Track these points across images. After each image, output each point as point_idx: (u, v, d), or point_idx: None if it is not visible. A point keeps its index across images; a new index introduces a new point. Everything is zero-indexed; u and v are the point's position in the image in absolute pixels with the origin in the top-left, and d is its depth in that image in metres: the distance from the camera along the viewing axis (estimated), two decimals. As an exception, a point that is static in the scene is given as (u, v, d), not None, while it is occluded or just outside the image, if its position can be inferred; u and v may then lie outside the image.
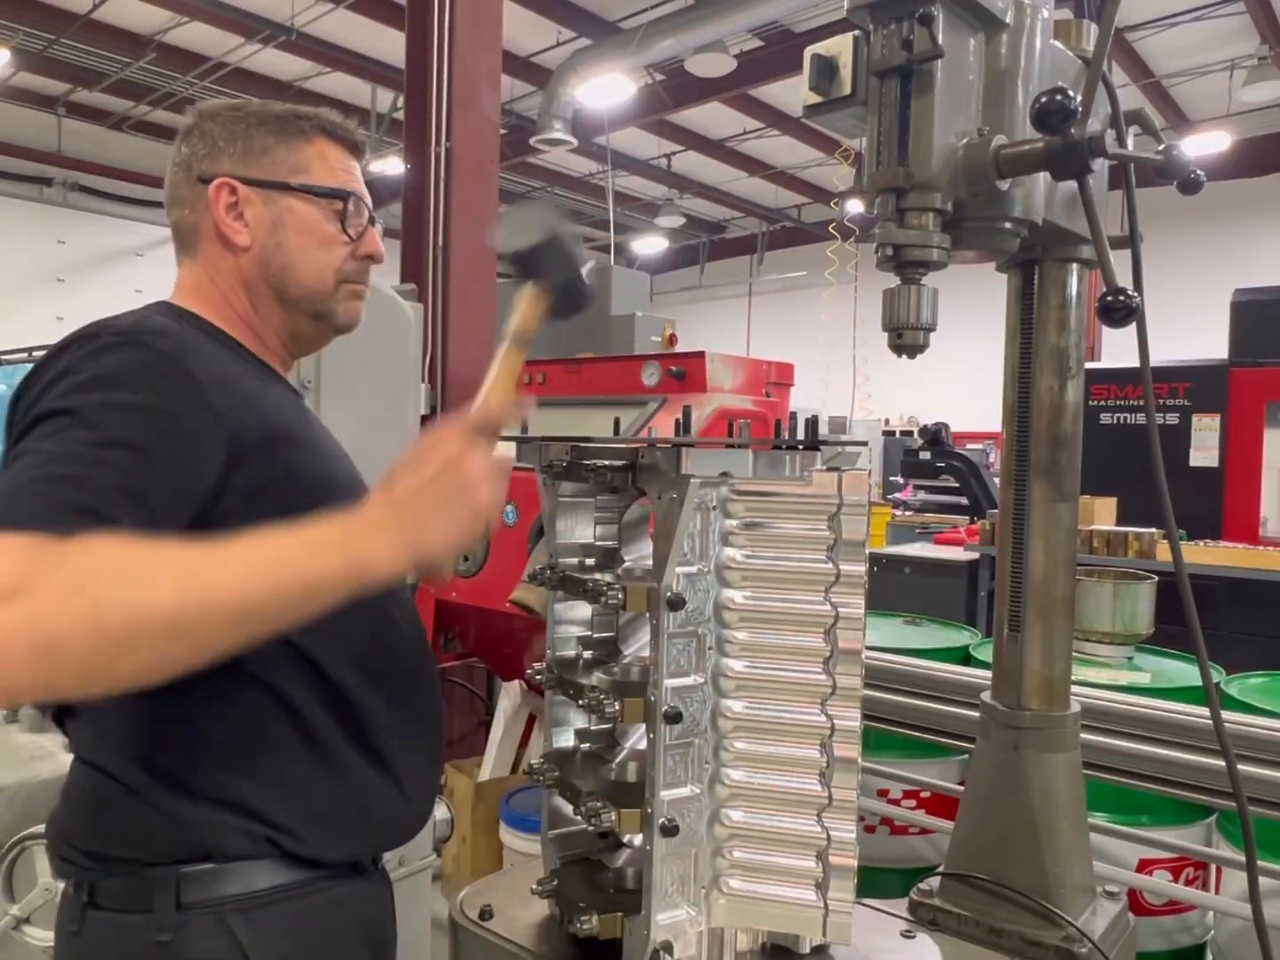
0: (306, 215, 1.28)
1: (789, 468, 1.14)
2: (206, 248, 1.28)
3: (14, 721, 2.71)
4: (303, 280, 1.28)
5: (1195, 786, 2.06)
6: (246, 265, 1.27)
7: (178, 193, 1.30)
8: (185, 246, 1.31)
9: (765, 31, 9.71)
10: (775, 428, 1.22)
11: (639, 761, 1.20)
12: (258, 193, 1.27)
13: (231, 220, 1.26)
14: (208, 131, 1.29)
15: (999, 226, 1.27)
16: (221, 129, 1.29)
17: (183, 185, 1.30)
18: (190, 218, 1.29)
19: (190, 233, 1.29)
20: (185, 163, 1.30)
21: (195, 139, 1.30)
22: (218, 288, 1.28)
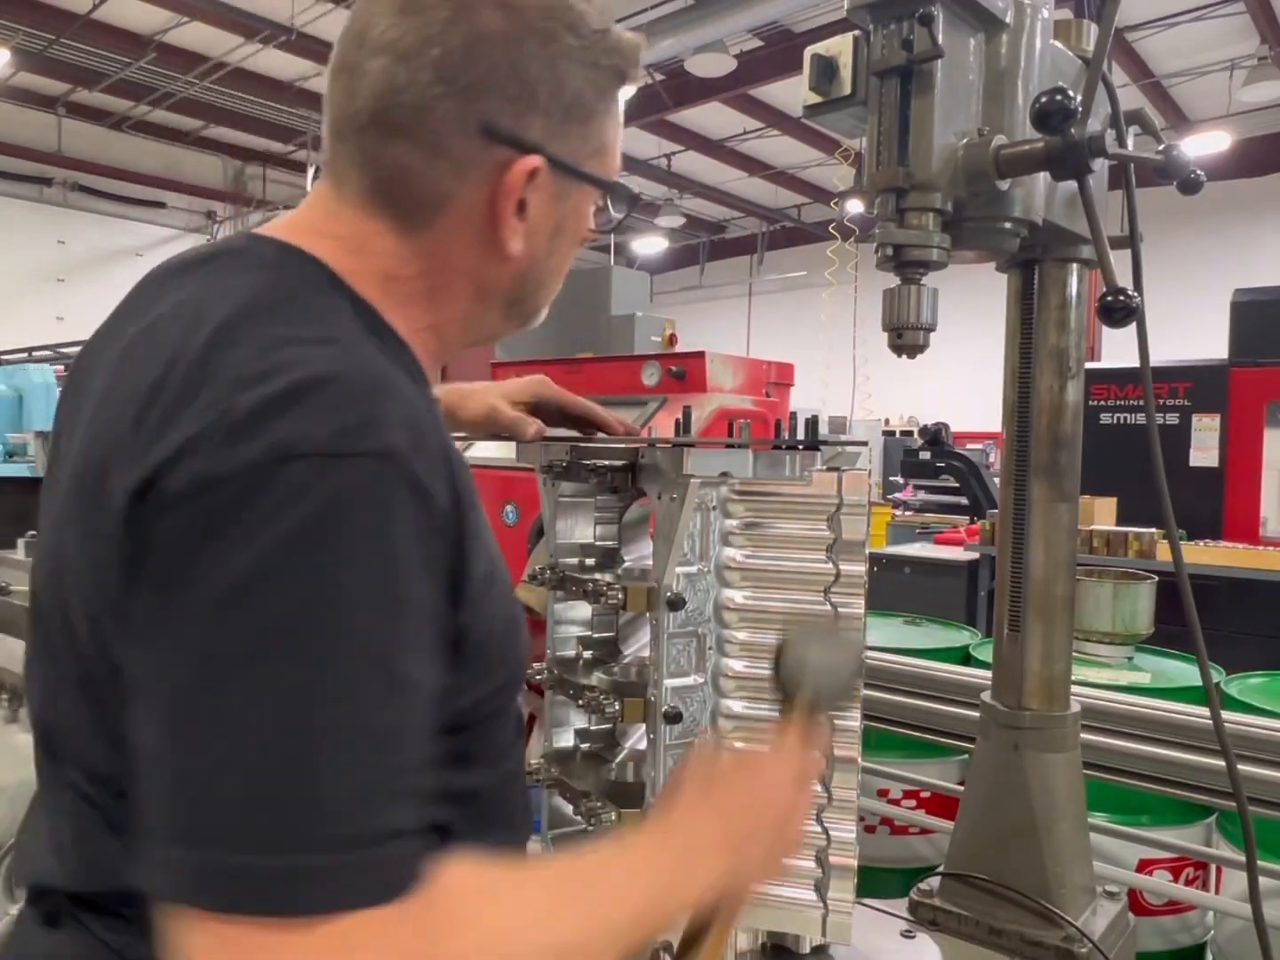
0: (585, 215, 0.90)
1: (789, 468, 1.15)
2: (447, 228, 0.81)
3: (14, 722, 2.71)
4: (549, 294, 0.92)
5: (1195, 786, 2.06)
6: (497, 275, 0.85)
7: (428, 123, 0.77)
8: (398, 205, 0.80)
9: (765, 31, 9.71)
10: (775, 428, 1.23)
11: (639, 762, 1.20)
12: (556, 179, 0.83)
13: (514, 219, 0.82)
14: (522, 53, 0.78)
15: (999, 226, 1.27)
16: (545, 62, 0.79)
17: (447, 119, 0.77)
18: (444, 180, 0.79)
19: (429, 198, 0.80)
20: (467, 86, 0.77)
21: (493, 48, 0.77)
22: (430, 282, 0.83)
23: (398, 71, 0.76)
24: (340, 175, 0.83)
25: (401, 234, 0.81)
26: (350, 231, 0.81)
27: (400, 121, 0.77)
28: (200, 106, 11.98)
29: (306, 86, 11.35)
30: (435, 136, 0.78)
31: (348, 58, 0.80)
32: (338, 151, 0.83)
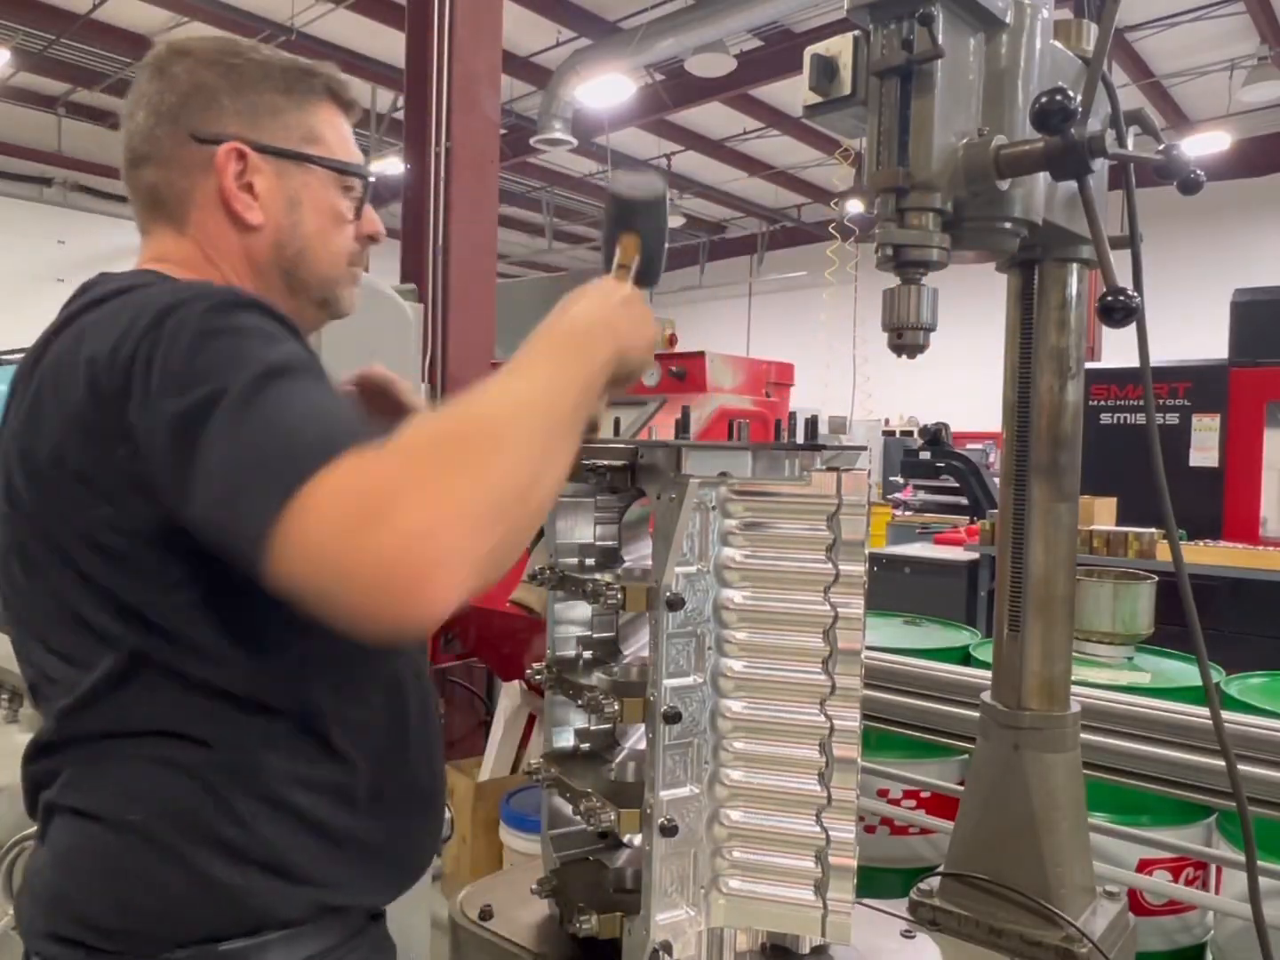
0: (323, 193, 1.14)
1: (788, 468, 1.14)
2: (201, 219, 1.10)
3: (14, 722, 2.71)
4: (318, 265, 1.15)
5: (1195, 786, 2.06)
6: (256, 246, 1.11)
7: (156, 148, 1.10)
8: (165, 213, 1.12)
9: (765, 31, 9.71)
10: (775, 428, 1.22)
11: (638, 761, 1.20)
12: (269, 162, 1.10)
13: (241, 192, 1.09)
14: (199, 78, 1.10)
15: (999, 226, 1.27)
16: (220, 78, 1.10)
17: (165, 141, 1.09)
18: (179, 182, 1.10)
19: (177, 200, 1.10)
20: (168, 112, 1.09)
21: (181, 83, 1.10)
22: (214, 265, 1.11)
23: (134, 118, 1.11)
24: (134, 206, 1.15)
25: (177, 234, 1.12)
26: (151, 249, 1.13)
27: (140, 153, 1.11)
28: (200, 106, 11.97)
29: (306, 86, 11.32)
30: (161, 154, 1.10)
31: (123, 119, 1.14)
32: (127, 188, 1.15)
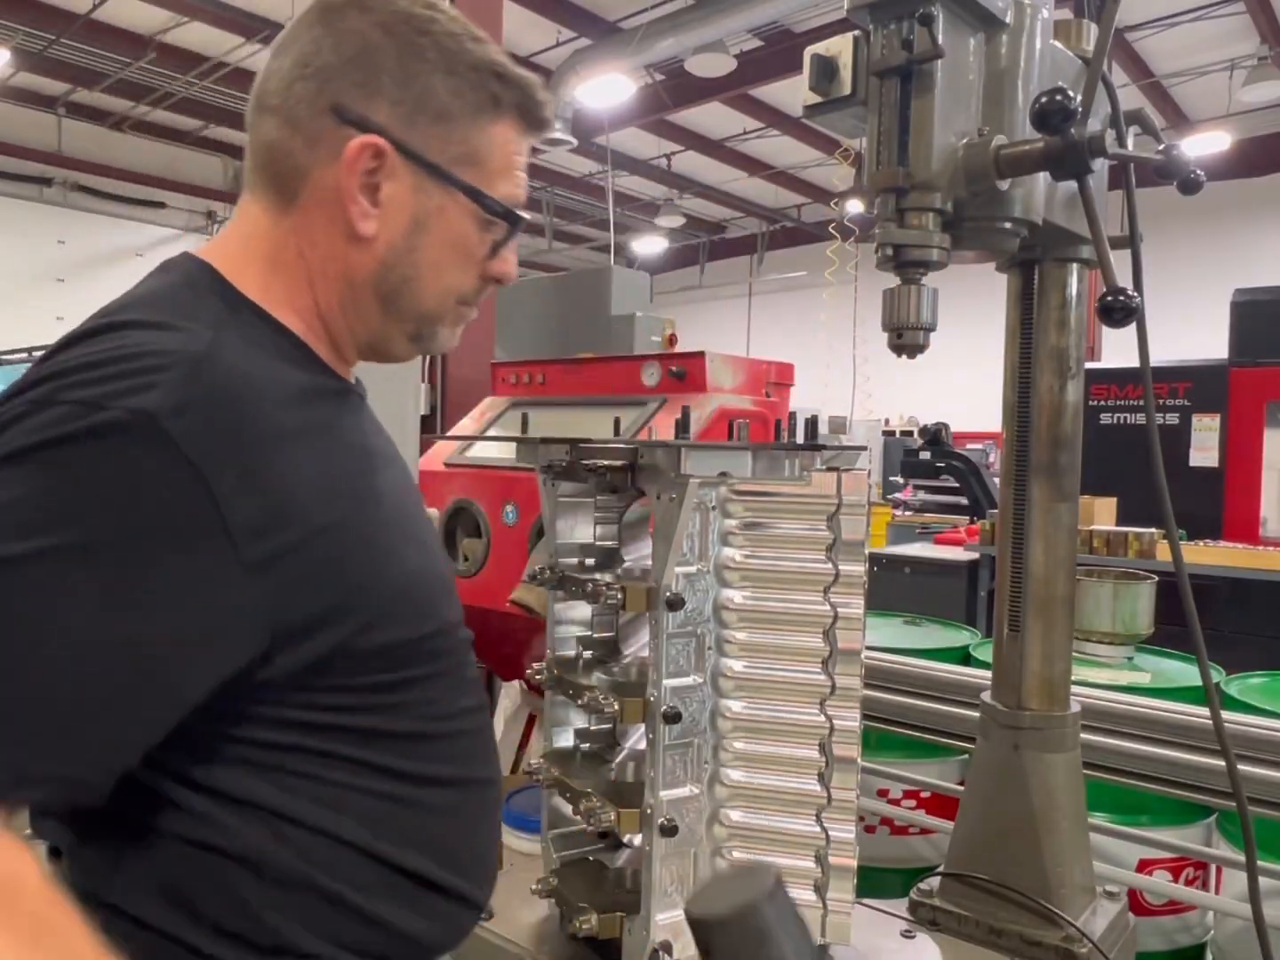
0: (458, 224, 0.94)
1: (788, 468, 1.15)
2: (309, 205, 0.92)
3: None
4: (422, 299, 0.96)
5: (1195, 786, 2.05)
6: (359, 260, 0.92)
7: (290, 103, 0.91)
8: (273, 180, 0.93)
9: (765, 31, 9.70)
10: (775, 428, 1.22)
11: (638, 761, 1.21)
12: (412, 171, 0.91)
13: (363, 195, 0.90)
14: (369, 43, 0.89)
15: (999, 226, 1.27)
16: (393, 54, 0.90)
17: (303, 99, 0.90)
18: (300, 153, 0.91)
19: (292, 172, 0.91)
20: (319, 70, 0.90)
21: (345, 42, 0.90)
22: (307, 264, 0.93)
23: (272, 64, 0.93)
24: (246, 165, 0.96)
25: (276, 213, 0.93)
26: (244, 218, 0.95)
27: (268, 102, 0.92)
28: (200, 106, 11.96)
29: (306, 86, 11.32)
30: (292, 113, 0.91)
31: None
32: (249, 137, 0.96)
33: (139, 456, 0.71)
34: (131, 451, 0.71)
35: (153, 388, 0.72)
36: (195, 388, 0.75)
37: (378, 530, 0.88)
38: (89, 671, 0.69)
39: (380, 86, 0.89)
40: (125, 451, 0.71)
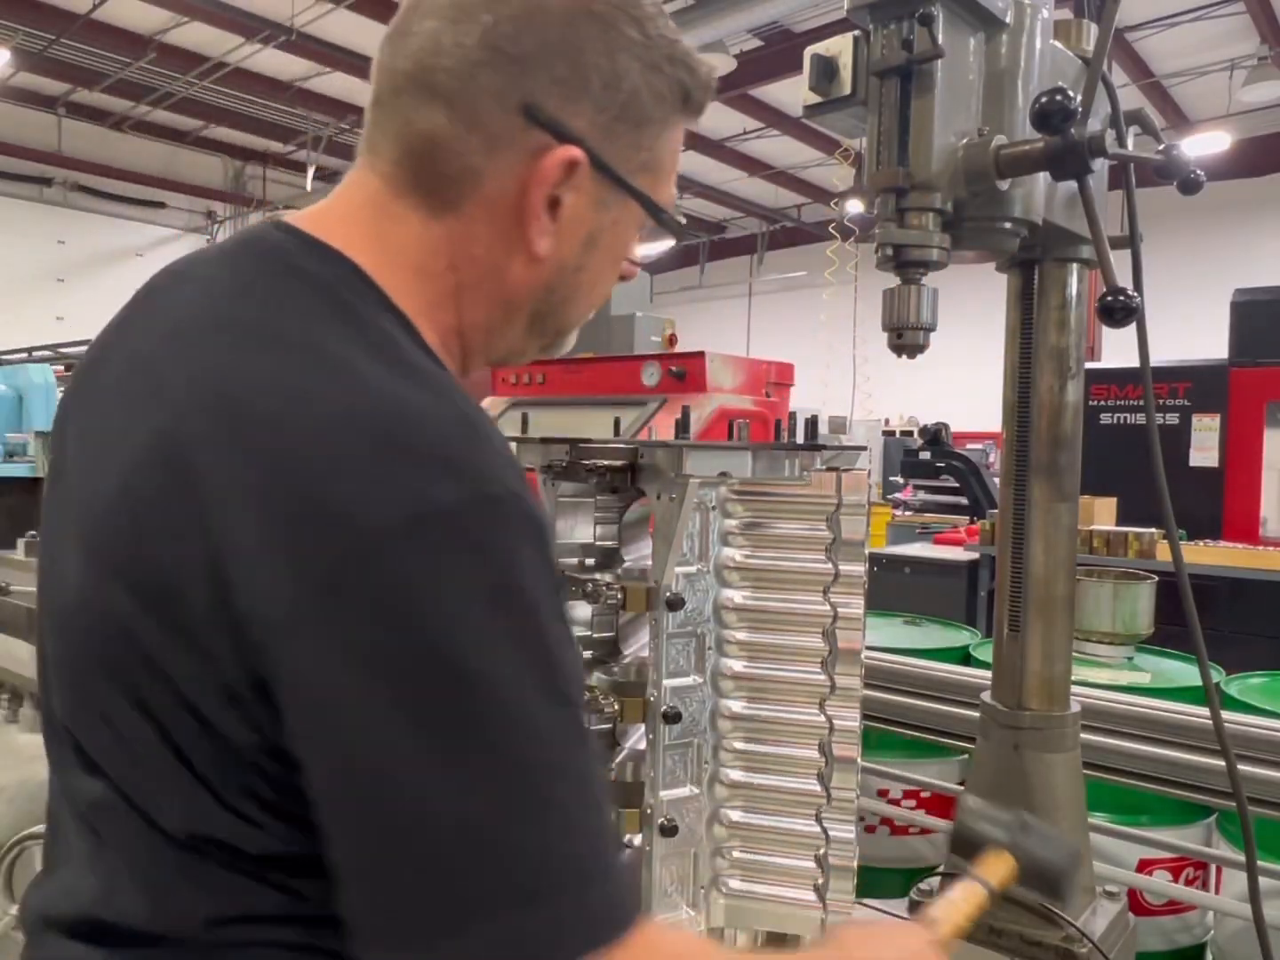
0: (626, 237, 0.84)
1: (788, 468, 1.15)
2: (474, 215, 0.76)
3: (14, 722, 2.71)
4: (574, 314, 0.86)
5: (1195, 786, 2.06)
6: (523, 279, 0.79)
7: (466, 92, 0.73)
8: (429, 178, 0.75)
9: (765, 31, 9.71)
10: (775, 428, 1.23)
11: (638, 761, 1.21)
12: (598, 184, 0.77)
13: (544, 212, 0.76)
14: (579, 33, 0.73)
15: (999, 226, 1.27)
16: (603, 46, 0.74)
17: (485, 89, 0.72)
18: (473, 155, 0.74)
19: (459, 174, 0.74)
20: (513, 58, 0.72)
21: (548, 25, 0.73)
22: (457, 278, 0.77)
23: (445, 34, 0.72)
24: (375, 146, 0.77)
25: (427, 217, 0.76)
26: (381, 212, 0.76)
27: (438, 85, 0.73)
28: (200, 106, 11.97)
29: (306, 86, 11.34)
30: (472, 106, 0.73)
31: (401, 23, 0.75)
32: (375, 120, 0.77)
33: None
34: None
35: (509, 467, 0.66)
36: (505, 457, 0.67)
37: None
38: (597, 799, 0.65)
39: (586, 86, 0.74)
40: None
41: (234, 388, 0.65)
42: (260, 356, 0.66)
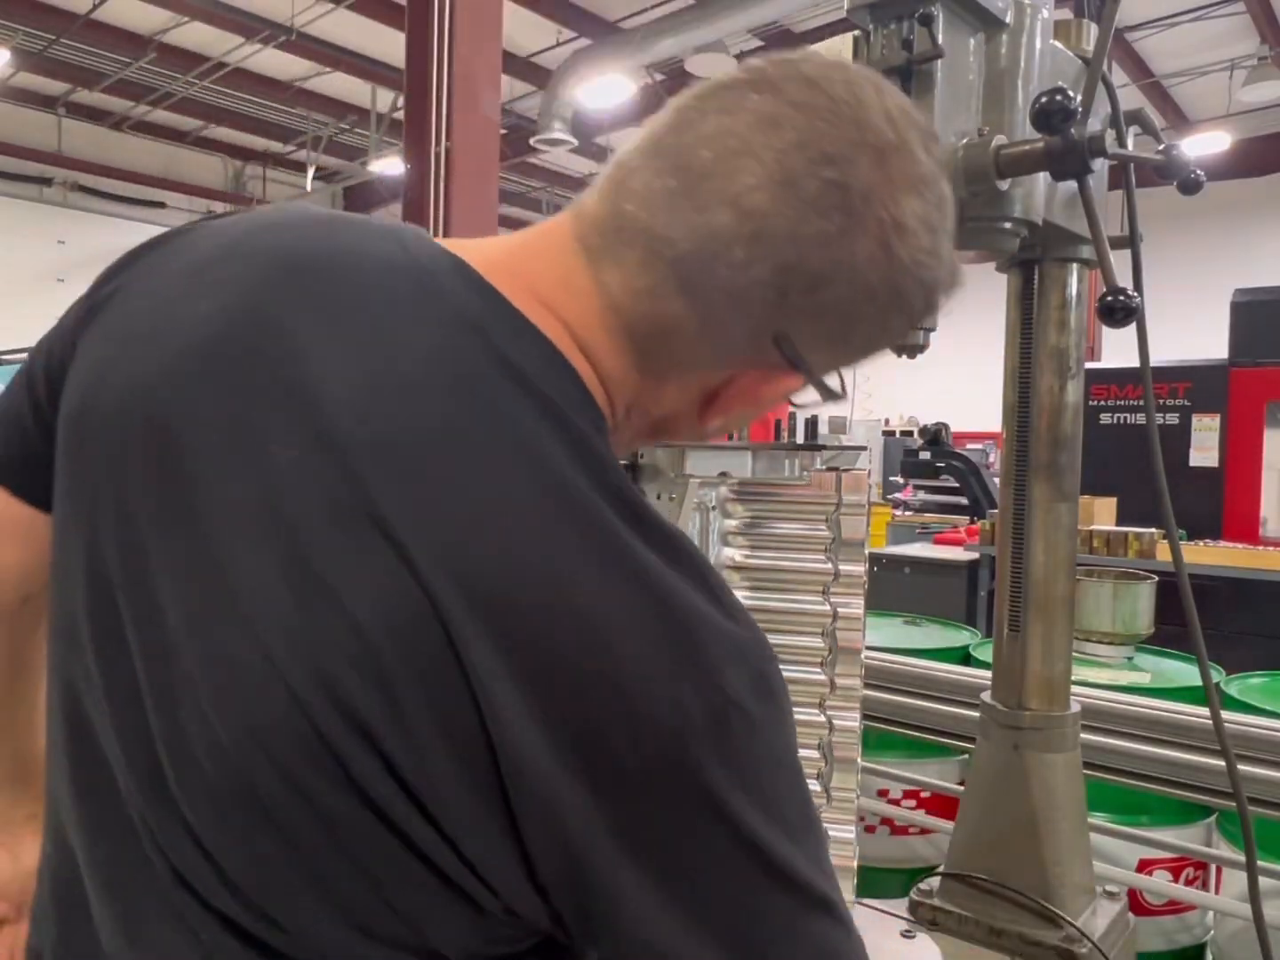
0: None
1: (788, 468, 1.15)
2: (672, 386, 0.71)
3: (14, 721, 2.71)
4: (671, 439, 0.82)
5: (1195, 786, 2.06)
6: (685, 430, 0.78)
7: (727, 313, 0.66)
8: (645, 349, 0.68)
9: (765, 31, 9.70)
10: (775, 428, 1.23)
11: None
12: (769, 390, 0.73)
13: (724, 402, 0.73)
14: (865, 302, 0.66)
15: (999, 226, 1.27)
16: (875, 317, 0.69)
17: (744, 318, 0.66)
18: (700, 352, 0.68)
19: (681, 359, 0.69)
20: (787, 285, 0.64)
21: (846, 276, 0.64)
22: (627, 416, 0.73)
23: (737, 246, 0.63)
24: (600, 257, 0.67)
25: (631, 366, 0.70)
26: (586, 327, 0.68)
27: (702, 287, 0.65)
28: (200, 106, 11.97)
29: (306, 86, 11.34)
30: (725, 322, 0.66)
31: (694, 171, 0.64)
32: (616, 235, 0.67)
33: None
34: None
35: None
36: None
37: None
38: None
39: (837, 342, 0.69)
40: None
41: (490, 567, 0.58)
42: (507, 511, 0.59)
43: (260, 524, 0.61)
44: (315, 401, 0.62)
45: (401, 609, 0.57)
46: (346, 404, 0.61)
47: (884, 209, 0.63)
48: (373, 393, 0.62)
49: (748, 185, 0.62)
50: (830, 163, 0.62)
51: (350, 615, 0.57)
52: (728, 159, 0.63)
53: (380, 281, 0.67)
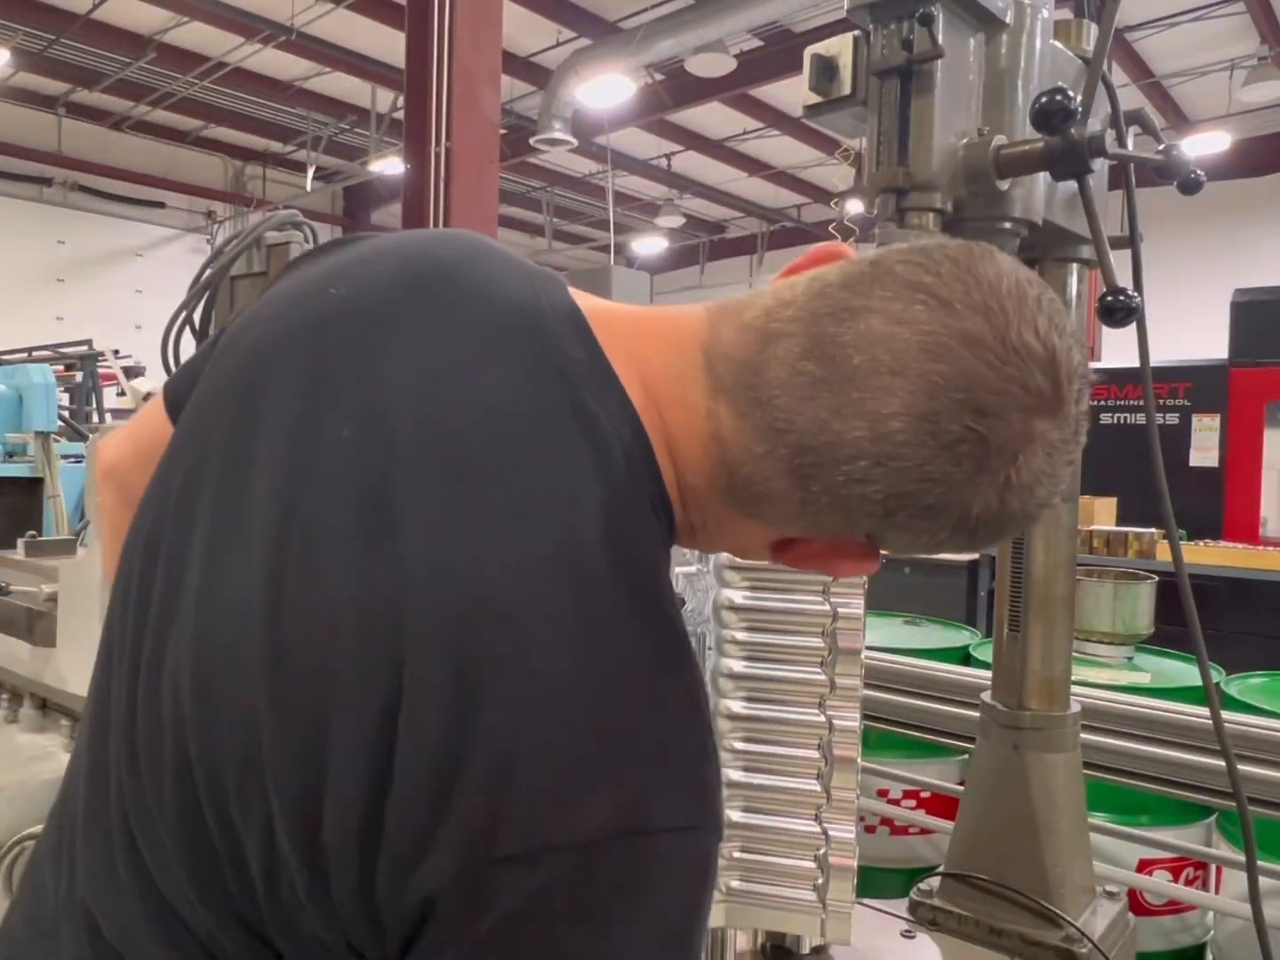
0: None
1: (789, 468, 1.15)
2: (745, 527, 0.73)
3: (14, 722, 2.71)
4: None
5: (1195, 786, 2.06)
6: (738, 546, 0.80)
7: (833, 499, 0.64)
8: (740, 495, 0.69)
9: (765, 31, 9.71)
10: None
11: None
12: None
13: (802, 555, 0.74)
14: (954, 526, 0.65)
15: (999, 226, 1.27)
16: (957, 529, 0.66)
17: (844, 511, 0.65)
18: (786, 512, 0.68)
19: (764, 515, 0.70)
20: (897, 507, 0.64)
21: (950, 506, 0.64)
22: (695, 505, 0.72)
23: (863, 458, 0.62)
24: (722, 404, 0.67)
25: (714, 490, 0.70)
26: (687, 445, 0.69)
27: (816, 477, 0.65)
28: (200, 106, 11.97)
29: (306, 86, 11.34)
30: (827, 510, 0.66)
31: (842, 371, 0.63)
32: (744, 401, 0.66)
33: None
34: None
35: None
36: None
37: None
38: None
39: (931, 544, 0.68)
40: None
41: (465, 609, 0.60)
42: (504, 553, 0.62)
43: (280, 488, 0.65)
44: (381, 395, 0.66)
45: (370, 615, 0.60)
46: (406, 405, 0.65)
47: (1014, 468, 0.62)
48: (435, 401, 0.65)
49: (890, 410, 0.61)
50: (980, 414, 0.60)
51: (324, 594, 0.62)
52: (878, 375, 0.61)
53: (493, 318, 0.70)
